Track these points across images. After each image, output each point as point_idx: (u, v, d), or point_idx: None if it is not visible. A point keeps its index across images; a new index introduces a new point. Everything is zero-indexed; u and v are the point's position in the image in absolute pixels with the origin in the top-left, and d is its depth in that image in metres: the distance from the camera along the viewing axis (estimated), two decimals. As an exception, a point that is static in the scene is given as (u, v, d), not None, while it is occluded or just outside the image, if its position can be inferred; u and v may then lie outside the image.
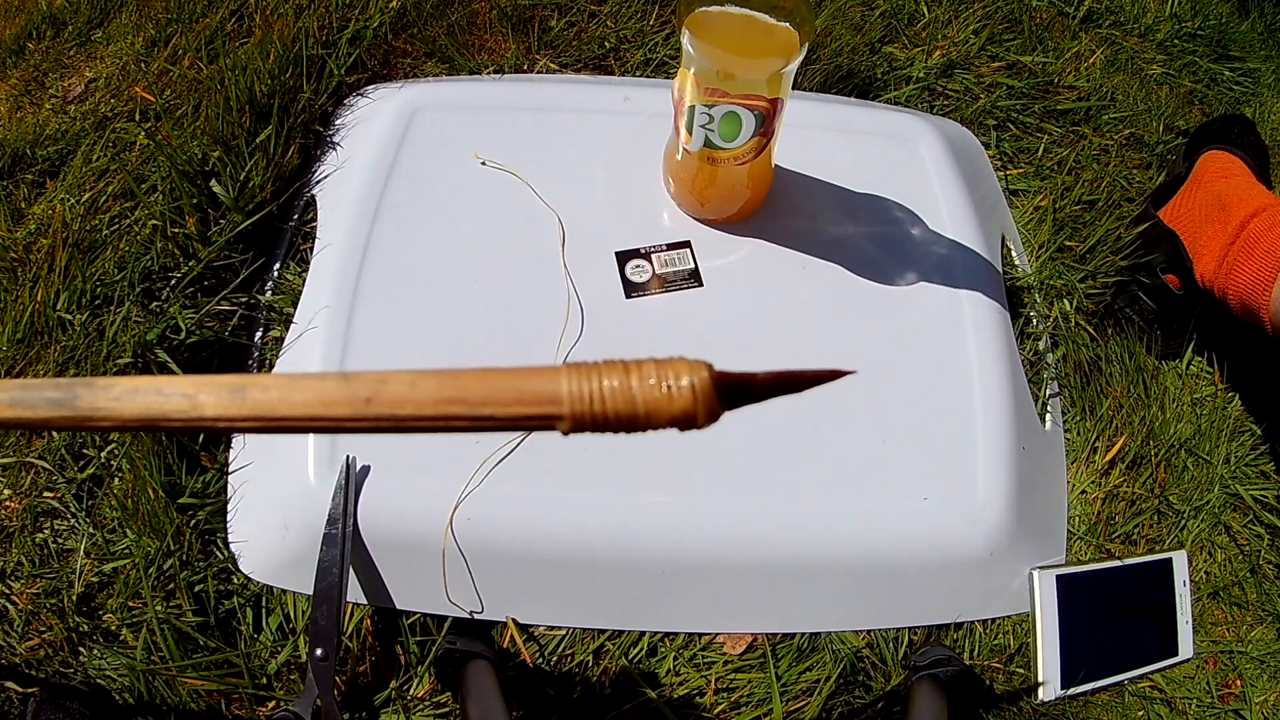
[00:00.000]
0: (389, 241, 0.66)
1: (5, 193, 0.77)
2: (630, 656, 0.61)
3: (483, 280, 0.66)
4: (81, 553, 0.61)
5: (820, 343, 0.66)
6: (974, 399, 0.64)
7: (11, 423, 0.20)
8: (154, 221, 0.70)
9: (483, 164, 0.71)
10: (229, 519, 0.62)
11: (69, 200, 0.74)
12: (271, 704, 0.58)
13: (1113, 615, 0.65)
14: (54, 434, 0.64)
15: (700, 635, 0.62)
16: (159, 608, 0.59)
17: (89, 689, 0.57)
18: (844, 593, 0.62)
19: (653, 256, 0.68)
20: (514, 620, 0.61)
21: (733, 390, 0.19)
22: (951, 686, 0.58)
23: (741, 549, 0.59)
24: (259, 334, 0.70)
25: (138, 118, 0.79)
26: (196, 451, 0.63)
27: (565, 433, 0.19)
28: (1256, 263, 0.67)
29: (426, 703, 0.59)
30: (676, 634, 0.62)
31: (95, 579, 0.61)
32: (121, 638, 0.59)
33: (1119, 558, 0.67)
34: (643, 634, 0.62)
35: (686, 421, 0.19)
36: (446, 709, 0.59)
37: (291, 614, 0.61)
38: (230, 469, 0.64)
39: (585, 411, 0.19)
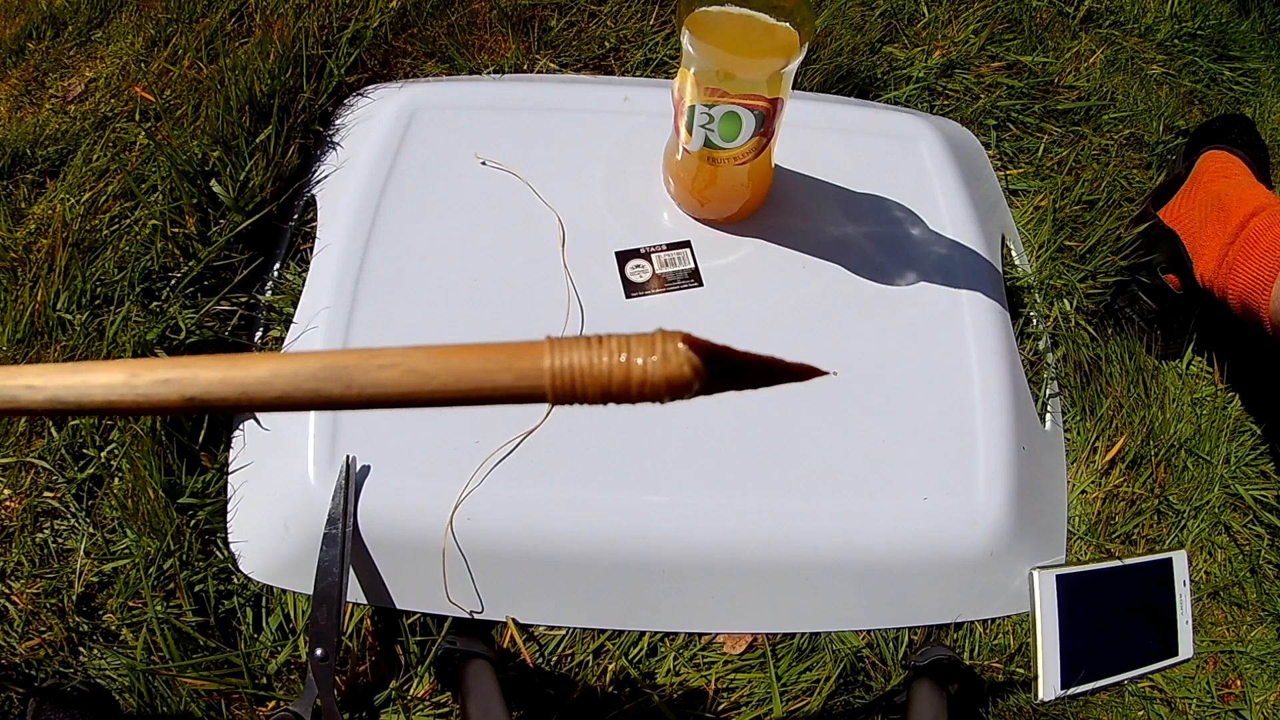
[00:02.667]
0: (389, 241, 0.66)
1: (5, 193, 0.77)
2: (630, 656, 0.61)
3: (483, 280, 0.66)
4: (81, 553, 0.61)
5: (820, 342, 0.66)
6: (974, 399, 0.64)
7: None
8: (154, 221, 0.70)
9: (483, 164, 0.71)
10: (229, 519, 0.62)
11: (69, 200, 0.74)
12: (271, 704, 0.58)
13: (1113, 615, 0.65)
14: (54, 433, 0.64)
15: (700, 635, 0.62)
16: (159, 608, 0.59)
17: (90, 689, 0.57)
18: (844, 593, 0.62)
19: (653, 256, 0.68)
20: (514, 620, 0.61)
21: (711, 356, 0.19)
22: (951, 686, 0.58)
23: (741, 549, 0.59)
24: (259, 334, 0.70)
25: (138, 118, 0.79)
26: (196, 451, 0.63)
27: (551, 400, 0.19)
28: (1256, 262, 0.67)
29: (426, 703, 0.59)
30: (676, 634, 0.62)
31: (95, 579, 0.61)
32: (121, 638, 0.59)
33: (1119, 558, 0.67)
34: (643, 634, 0.62)
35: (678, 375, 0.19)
36: (446, 709, 0.59)
37: (291, 614, 0.61)
38: (230, 469, 0.64)
39: (568, 369, 0.19)
